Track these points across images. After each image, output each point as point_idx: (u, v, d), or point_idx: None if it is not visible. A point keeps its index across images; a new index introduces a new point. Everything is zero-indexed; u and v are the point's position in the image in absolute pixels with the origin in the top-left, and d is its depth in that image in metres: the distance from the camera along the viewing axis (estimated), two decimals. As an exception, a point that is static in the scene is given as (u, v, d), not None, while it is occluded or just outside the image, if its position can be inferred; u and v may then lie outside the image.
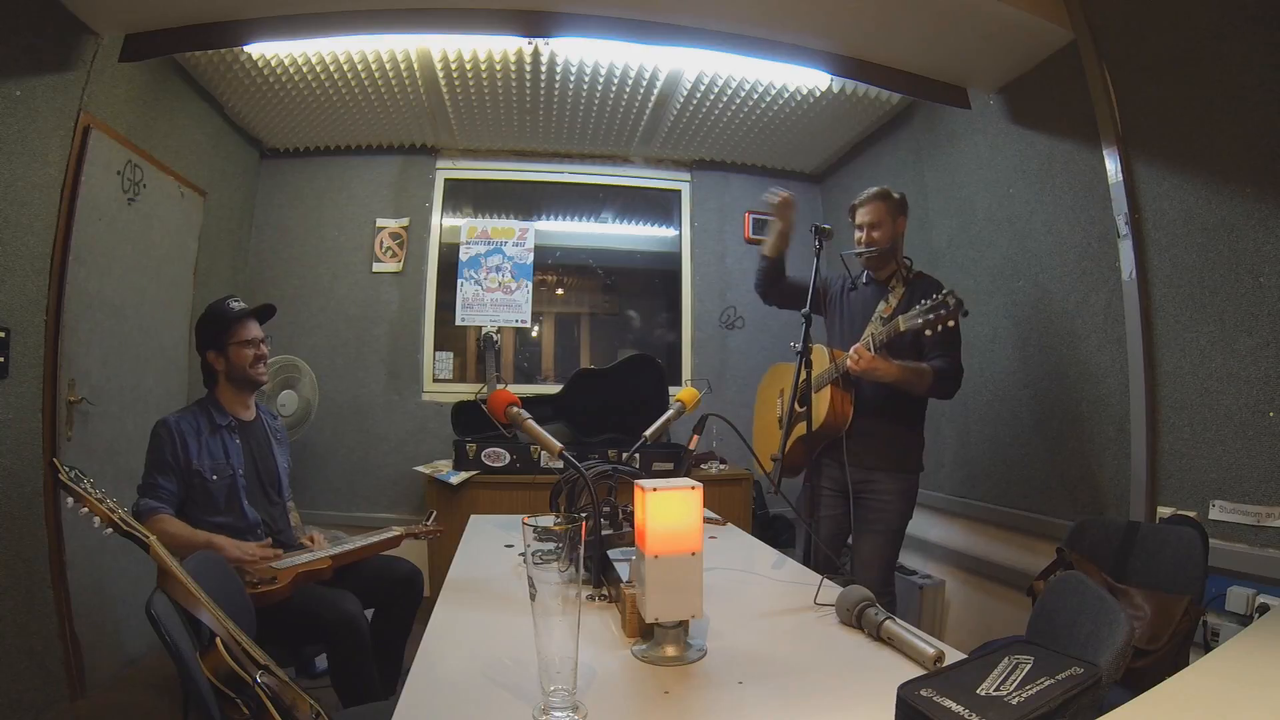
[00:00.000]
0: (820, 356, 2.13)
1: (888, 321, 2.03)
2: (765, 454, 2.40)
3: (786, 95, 3.21)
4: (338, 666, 1.79)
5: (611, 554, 1.32)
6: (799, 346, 1.84)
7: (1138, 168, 2.07)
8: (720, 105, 3.36)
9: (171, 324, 2.99)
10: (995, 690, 0.71)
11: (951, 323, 1.77)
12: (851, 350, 1.97)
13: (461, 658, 1.02)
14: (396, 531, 2.17)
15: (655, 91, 3.23)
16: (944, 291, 1.81)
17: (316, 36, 2.63)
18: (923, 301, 1.84)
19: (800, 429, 1.98)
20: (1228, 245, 1.82)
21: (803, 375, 1.86)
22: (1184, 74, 1.92)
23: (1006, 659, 0.77)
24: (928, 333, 1.83)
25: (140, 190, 2.68)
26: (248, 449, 2.06)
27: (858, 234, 2.25)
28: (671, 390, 3.61)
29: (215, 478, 1.94)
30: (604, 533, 1.34)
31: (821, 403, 2.08)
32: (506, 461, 3.25)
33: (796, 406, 1.97)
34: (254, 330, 2.09)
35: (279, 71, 2.96)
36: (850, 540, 2.19)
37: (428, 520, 2.32)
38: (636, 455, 1.90)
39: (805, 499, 2.13)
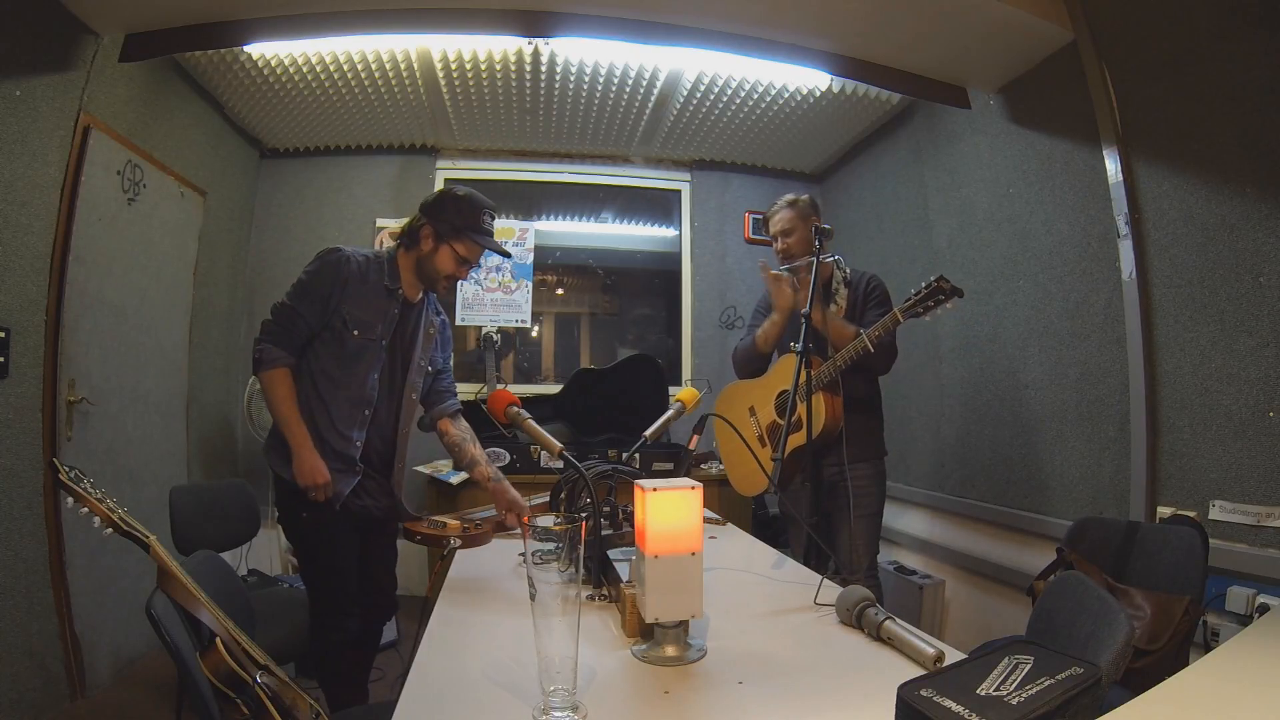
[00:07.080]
0: (789, 367, 2.09)
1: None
2: (749, 485, 2.47)
3: (786, 95, 3.21)
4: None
5: (611, 554, 1.32)
6: (798, 346, 1.84)
7: (1138, 168, 2.07)
8: (720, 105, 3.35)
9: (171, 324, 2.99)
10: (995, 690, 0.71)
11: (950, 304, 1.81)
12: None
13: (461, 658, 1.02)
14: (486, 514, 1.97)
15: (655, 91, 3.23)
16: (934, 277, 1.87)
17: (316, 36, 2.63)
18: (920, 288, 1.89)
19: (795, 440, 1.98)
20: (1228, 245, 1.82)
21: (803, 377, 1.85)
22: (1184, 74, 1.92)
23: (1006, 659, 0.77)
24: (927, 319, 1.91)
25: (140, 190, 2.67)
26: (399, 328, 1.87)
27: (775, 245, 2.35)
28: (671, 390, 3.61)
29: (356, 334, 1.76)
30: (604, 533, 1.33)
31: (817, 408, 2.08)
32: (506, 461, 3.25)
33: (800, 410, 1.96)
34: (476, 255, 1.88)
35: (279, 71, 2.95)
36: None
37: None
38: (636, 455, 1.90)
39: (805, 497, 2.13)
